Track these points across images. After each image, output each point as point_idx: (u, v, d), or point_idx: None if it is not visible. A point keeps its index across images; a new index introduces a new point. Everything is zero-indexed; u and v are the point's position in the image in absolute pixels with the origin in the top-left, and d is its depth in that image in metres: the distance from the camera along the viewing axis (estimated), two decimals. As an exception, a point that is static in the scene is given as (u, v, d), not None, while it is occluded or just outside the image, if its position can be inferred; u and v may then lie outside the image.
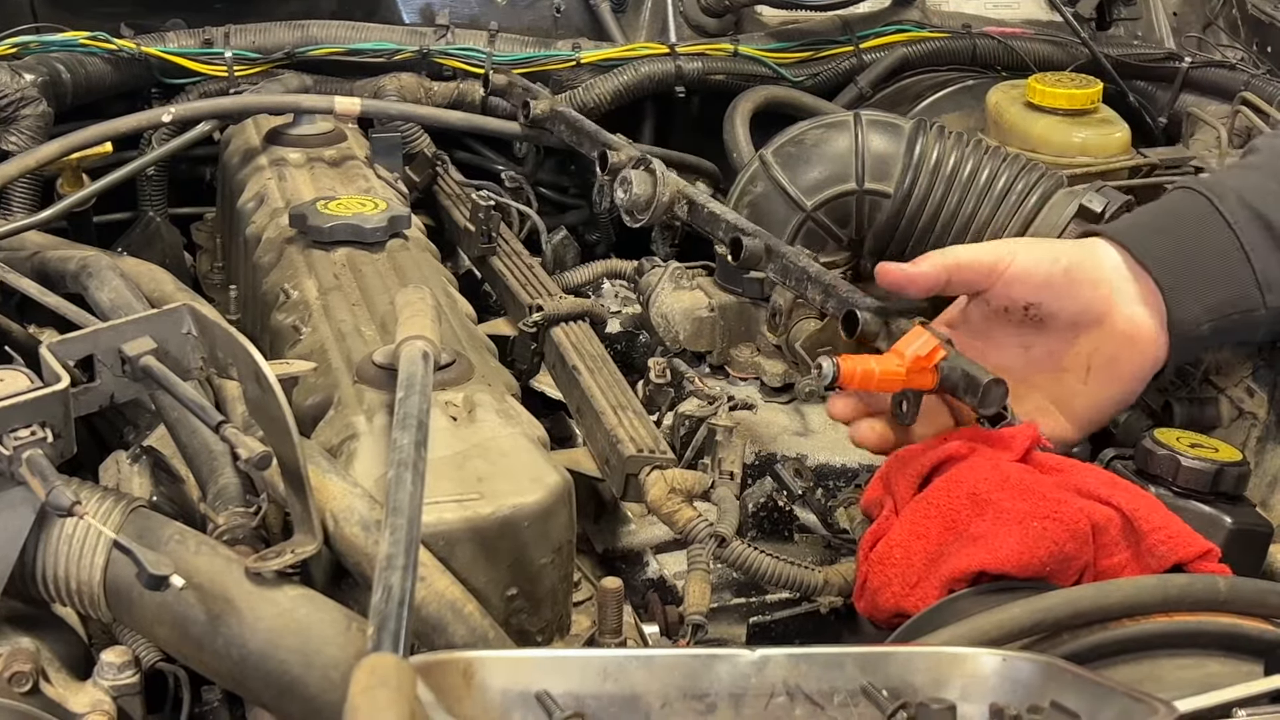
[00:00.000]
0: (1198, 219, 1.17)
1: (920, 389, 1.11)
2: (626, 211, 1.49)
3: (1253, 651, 0.93)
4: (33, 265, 1.45)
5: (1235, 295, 1.15)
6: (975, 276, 1.16)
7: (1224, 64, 2.11)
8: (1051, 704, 0.77)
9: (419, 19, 2.04)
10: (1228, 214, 1.16)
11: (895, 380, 1.09)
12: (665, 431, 1.32)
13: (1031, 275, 1.15)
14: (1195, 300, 1.15)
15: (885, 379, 1.09)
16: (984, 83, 1.96)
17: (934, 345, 1.09)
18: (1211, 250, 1.16)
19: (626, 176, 1.47)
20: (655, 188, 1.45)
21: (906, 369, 1.08)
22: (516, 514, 1.02)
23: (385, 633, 0.77)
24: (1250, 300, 1.15)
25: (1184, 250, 1.16)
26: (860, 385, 1.08)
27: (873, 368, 1.08)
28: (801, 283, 1.30)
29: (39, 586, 0.96)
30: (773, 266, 1.33)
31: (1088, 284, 1.16)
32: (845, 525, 1.32)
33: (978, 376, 1.08)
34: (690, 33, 2.12)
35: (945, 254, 1.16)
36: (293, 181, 1.59)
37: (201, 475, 1.10)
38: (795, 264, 1.31)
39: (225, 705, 1.05)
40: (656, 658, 0.81)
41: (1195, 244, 1.16)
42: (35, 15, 1.89)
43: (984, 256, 1.16)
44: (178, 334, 1.01)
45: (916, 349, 1.09)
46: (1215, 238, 1.16)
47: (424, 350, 1.09)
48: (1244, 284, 1.15)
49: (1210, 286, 1.15)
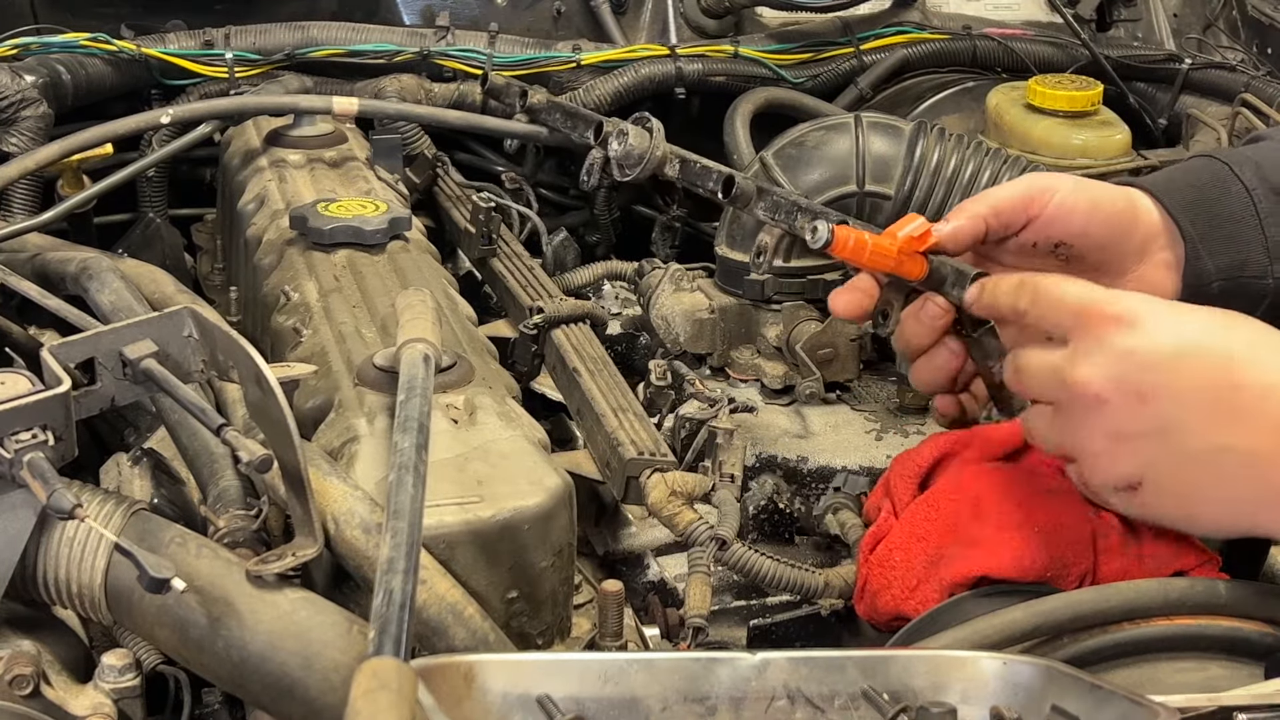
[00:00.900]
0: (1218, 182, 1.16)
1: (907, 277, 1.08)
2: (619, 165, 1.49)
3: (1254, 655, 0.94)
4: (33, 267, 1.45)
5: (1246, 259, 1.14)
6: (1013, 218, 1.12)
7: (1224, 65, 2.11)
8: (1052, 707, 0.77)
9: (419, 20, 2.04)
10: (1246, 180, 1.16)
11: (885, 257, 1.06)
12: (666, 434, 1.32)
13: (1071, 216, 1.12)
14: (1211, 257, 1.14)
15: (876, 253, 1.05)
16: (984, 84, 1.96)
17: (927, 229, 1.07)
18: (1228, 213, 1.15)
19: (624, 129, 1.48)
20: (650, 141, 1.46)
21: (898, 249, 1.06)
22: (517, 517, 1.02)
23: (386, 636, 0.77)
24: (1258, 266, 1.14)
25: (1207, 208, 1.15)
26: (852, 255, 1.05)
27: (866, 239, 1.05)
28: (791, 214, 1.34)
29: (40, 589, 0.96)
30: (763, 204, 1.37)
31: (1124, 234, 1.14)
32: (835, 531, 1.32)
33: (966, 270, 1.06)
34: (690, 34, 2.12)
35: (978, 201, 1.12)
36: (293, 183, 1.59)
37: (202, 478, 1.10)
38: (785, 199, 1.35)
39: (226, 708, 1.05)
40: (657, 661, 0.81)
41: (1216, 205, 1.15)
42: (36, 16, 1.89)
43: (1019, 194, 1.12)
44: (179, 336, 1.01)
45: (910, 230, 1.07)
46: (1233, 201, 1.15)
47: (425, 353, 1.09)
48: (1256, 249, 1.15)
49: (1225, 246, 1.14)
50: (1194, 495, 0.94)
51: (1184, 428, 0.92)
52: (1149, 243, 1.15)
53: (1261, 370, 0.92)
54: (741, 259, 1.52)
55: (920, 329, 1.11)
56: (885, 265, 1.07)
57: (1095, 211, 1.12)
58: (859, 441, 1.42)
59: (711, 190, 1.43)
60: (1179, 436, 0.93)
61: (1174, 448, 0.93)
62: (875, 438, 1.42)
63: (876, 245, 1.05)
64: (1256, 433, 0.91)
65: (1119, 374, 0.94)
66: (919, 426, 1.44)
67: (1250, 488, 0.92)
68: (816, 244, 1.05)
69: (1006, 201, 1.11)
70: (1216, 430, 0.92)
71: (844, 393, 1.50)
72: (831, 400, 1.49)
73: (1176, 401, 0.92)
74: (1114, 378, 0.94)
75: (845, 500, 1.34)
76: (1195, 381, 0.92)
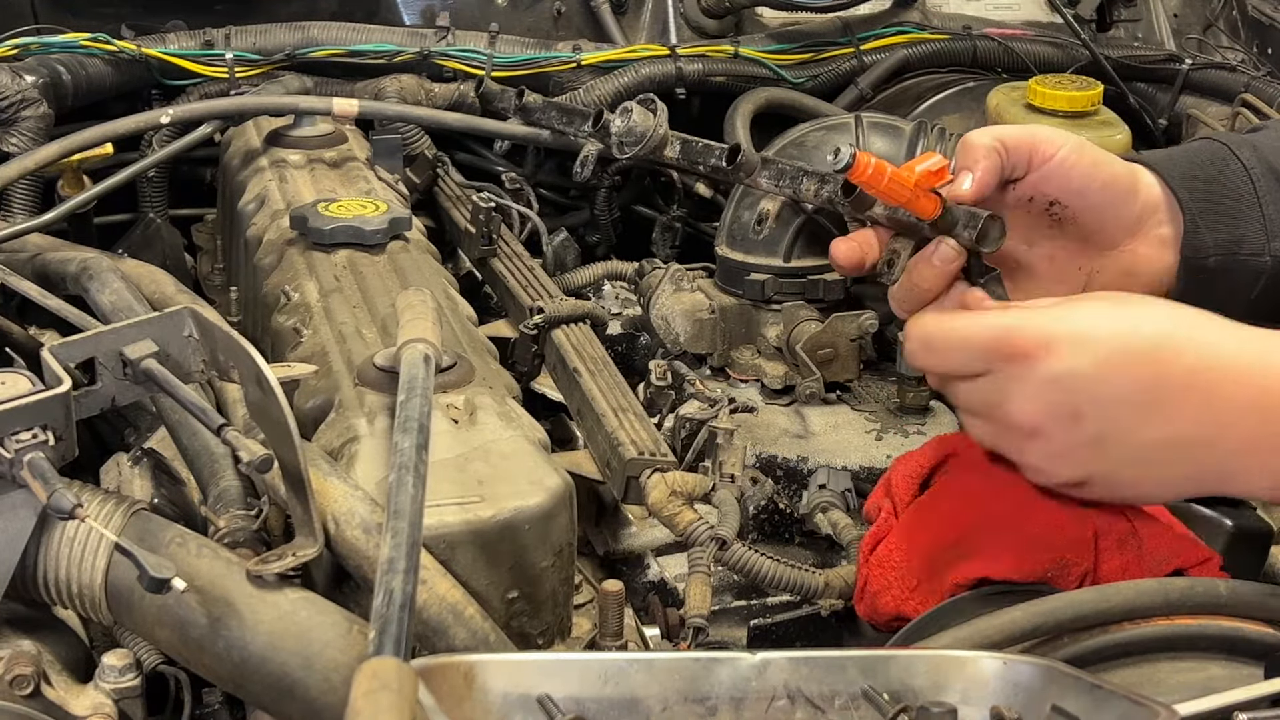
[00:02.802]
0: (1217, 160, 1.17)
1: (920, 214, 1.05)
2: (619, 143, 1.50)
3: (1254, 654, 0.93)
4: (33, 267, 1.45)
5: (1243, 235, 1.15)
6: (1019, 157, 1.10)
7: (1224, 66, 2.11)
8: (1052, 707, 0.77)
9: (419, 20, 2.04)
10: (1244, 159, 1.16)
11: (901, 189, 1.04)
12: (666, 434, 1.32)
13: (1071, 174, 1.10)
14: (1209, 231, 1.14)
15: (893, 183, 1.03)
16: (984, 84, 1.96)
17: (944, 164, 1.06)
18: (1226, 189, 1.15)
19: (628, 107, 1.49)
20: (653, 121, 1.46)
21: (914, 181, 1.04)
22: (517, 517, 1.02)
23: (386, 636, 0.77)
24: (1255, 244, 1.15)
25: (1206, 183, 1.16)
26: (871, 180, 1.03)
27: (885, 166, 1.03)
28: (796, 180, 1.36)
29: (40, 589, 0.96)
30: (767, 173, 1.40)
31: (1121, 202, 1.13)
32: (826, 530, 1.32)
33: (978, 213, 1.05)
34: (690, 34, 2.12)
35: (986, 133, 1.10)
36: (293, 183, 1.59)
37: (202, 478, 1.10)
38: (790, 166, 1.38)
39: (226, 708, 1.06)
40: (657, 661, 0.81)
41: (1215, 181, 1.16)
42: (36, 16, 1.89)
43: (1025, 136, 1.10)
44: (179, 336, 1.01)
45: (929, 165, 1.05)
46: (1231, 179, 1.16)
47: (425, 353, 1.09)
48: (1253, 226, 1.15)
49: (1223, 221, 1.15)
50: (1140, 483, 1.00)
51: (1117, 433, 0.96)
52: (1147, 216, 1.14)
53: (1181, 354, 0.95)
54: (741, 259, 1.52)
55: (931, 272, 1.07)
56: (900, 198, 1.04)
57: (1096, 172, 1.11)
58: (859, 441, 1.42)
59: (714, 165, 1.43)
60: (1114, 442, 0.97)
61: (1111, 453, 0.98)
62: (875, 438, 1.42)
63: (895, 175, 1.03)
64: (1183, 421, 0.95)
65: (1049, 404, 0.97)
66: (919, 426, 1.44)
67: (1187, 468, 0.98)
68: (839, 165, 1.02)
69: (1014, 139, 1.10)
70: (1147, 427, 0.96)
71: (844, 393, 1.50)
72: (831, 400, 1.49)
73: (1107, 412, 0.96)
74: (1044, 409, 0.98)
75: (831, 498, 1.34)
76: (1121, 389, 0.96)
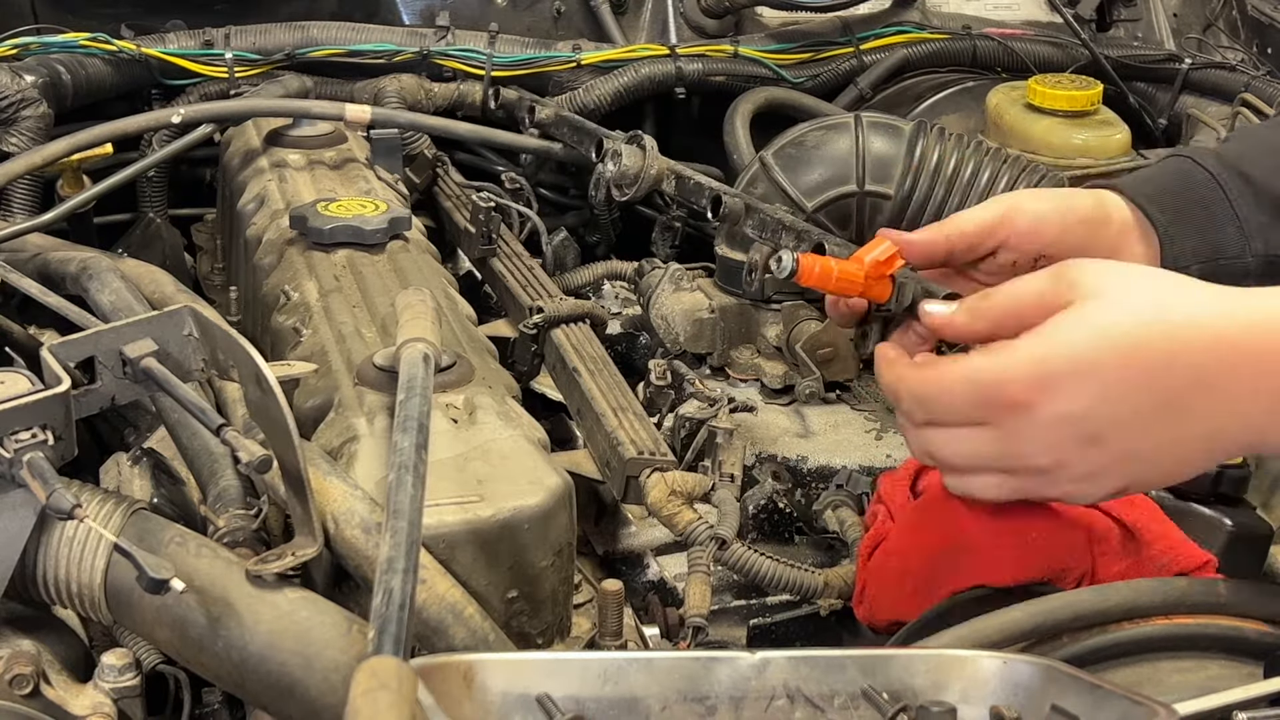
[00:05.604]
0: (1183, 174, 1.19)
1: (875, 300, 1.07)
2: (615, 185, 1.51)
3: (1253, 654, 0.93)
4: (34, 267, 1.45)
5: (1222, 241, 1.16)
6: (978, 240, 1.13)
7: (1224, 65, 2.12)
8: (1052, 707, 0.77)
9: (419, 20, 2.04)
10: (1209, 167, 1.18)
11: (853, 283, 1.06)
12: (665, 434, 1.32)
13: (1044, 226, 1.12)
14: (1185, 240, 1.16)
15: (843, 279, 1.05)
16: (984, 84, 1.96)
17: (893, 252, 1.07)
18: (1196, 198, 1.17)
19: (617, 150, 1.50)
20: (644, 161, 1.47)
21: (865, 274, 1.06)
22: (517, 516, 1.02)
23: (386, 635, 0.77)
24: (1235, 246, 1.16)
25: (1174, 196, 1.17)
26: (818, 283, 1.05)
27: (832, 266, 1.05)
28: (777, 233, 1.42)
29: (39, 589, 0.96)
30: (751, 221, 1.46)
31: (1096, 232, 1.15)
32: (834, 528, 1.32)
33: (934, 290, 1.06)
34: (690, 34, 2.12)
35: (945, 224, 1.13)
36: (293, 183, 1.59)
37: (202, 477, 1.10)
38: (771, 217, 1.44)
39: (226, 707, 1.06)
40: (657, 660, 0.81)
41: (1183, 193, 1.18)
42: (36, 16, 1.89)
43: (987, 217, 1.13)
44: (178, 336, 1.01)
45: (876, 255, 1.07)
46: (1200, 188, 1.17)
47: (425, 352, 1.09)
48: (1229, 230, 1.16)
49: (1197, 230, 1.16)
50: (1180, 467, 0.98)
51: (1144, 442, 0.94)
52: (1122, 238, 1.16)
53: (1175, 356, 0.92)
54: (741, 259, 1.52)
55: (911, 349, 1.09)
56: (853, 290, 1.07)
57: (1068, 215, 1.14)
58: (859, 441, 1.42)
59: (703, 208, 1.48)
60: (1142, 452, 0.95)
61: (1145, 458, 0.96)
62: (875, 437, 1.42)
63: (843, 272, 1.05)
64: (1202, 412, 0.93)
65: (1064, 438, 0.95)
66: (919, 426, 1.44)
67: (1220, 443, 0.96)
68: (781, 274, 1.05)
69: (971, 224, 1.12)
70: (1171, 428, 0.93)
71: (844, 392, 1.50)
72: (831, 400, 1.49)
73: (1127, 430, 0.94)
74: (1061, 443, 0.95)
75: (846, 498, 1.34)
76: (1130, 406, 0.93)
